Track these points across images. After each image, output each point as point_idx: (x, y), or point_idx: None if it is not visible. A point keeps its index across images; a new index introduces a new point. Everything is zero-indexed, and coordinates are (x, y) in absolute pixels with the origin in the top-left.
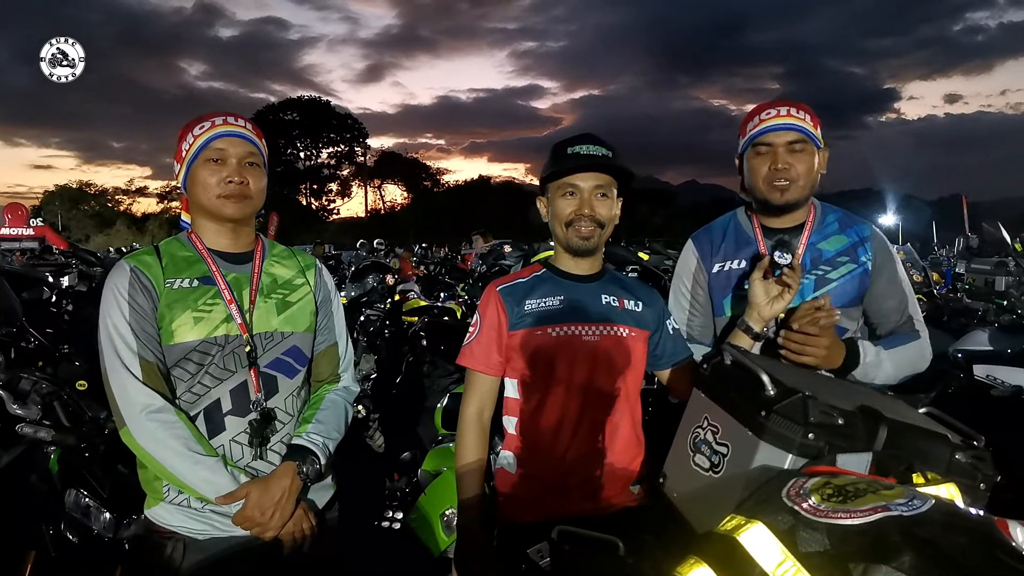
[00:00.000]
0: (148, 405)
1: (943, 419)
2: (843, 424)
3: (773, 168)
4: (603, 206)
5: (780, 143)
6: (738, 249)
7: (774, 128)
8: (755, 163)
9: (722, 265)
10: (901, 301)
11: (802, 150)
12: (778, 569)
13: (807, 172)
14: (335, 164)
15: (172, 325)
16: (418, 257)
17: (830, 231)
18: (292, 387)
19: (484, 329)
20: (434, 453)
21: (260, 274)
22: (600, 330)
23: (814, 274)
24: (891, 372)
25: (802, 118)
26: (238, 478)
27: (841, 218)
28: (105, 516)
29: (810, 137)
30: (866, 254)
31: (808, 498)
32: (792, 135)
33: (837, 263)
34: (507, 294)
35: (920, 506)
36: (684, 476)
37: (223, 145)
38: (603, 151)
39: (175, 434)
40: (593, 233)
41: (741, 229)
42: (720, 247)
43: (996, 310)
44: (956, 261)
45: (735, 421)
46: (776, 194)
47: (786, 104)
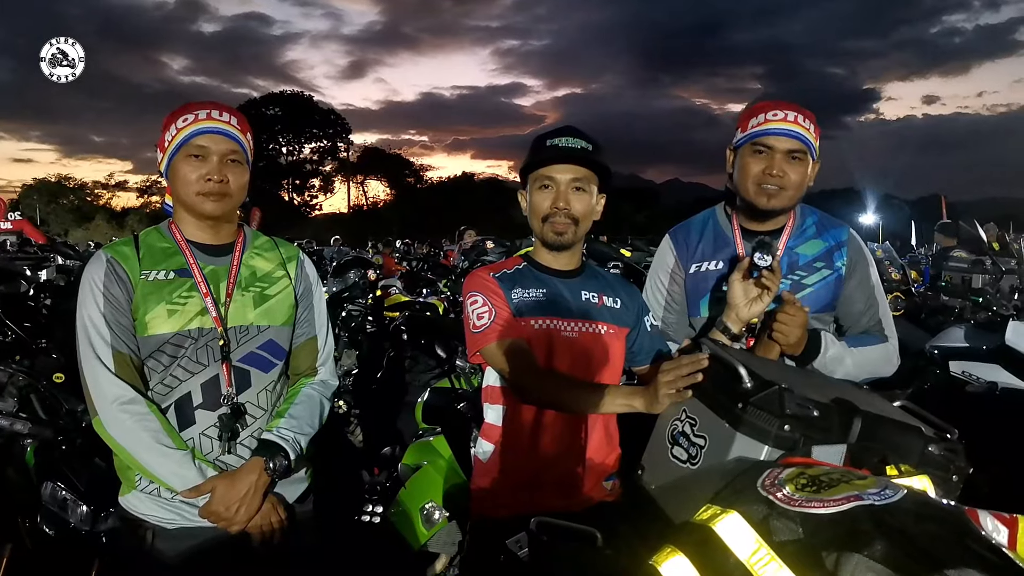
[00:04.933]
0: (119, 396)
1: (917, 412)
2: (818, 416)
3: (767, 172)
4: (579, 200)
5: (780, 148)
6: (716, 250)
7: (777, 132)
8: (750, 162)
9: (699, 265)
10: (871, 306)
11: (799, 160)
12: (752, 558)
13: (799, 183)
14: (318, 160)
15: (146, 317)
16: (400, 253)
17: (808, 235)
18: (267, 381)
19: (496, 309)
20: (414, 447)
21: (239, 267)
22: (579, 326)
23: (790, 279)
24: (851, 370)
25: (807, 128)
26: (206, 472)
27: (819, 221)
28: (82, 509)
29: (810, 148)
30: (841, 259)
31: (783, 488)
32: (793, 143)
33: (813, 268)
34: (500, 280)
35: (892, 496)
36: (662, 468)
37: (205, 142)
38: (582, 144)
39: (145, 426)
40: (567, 229)
41: (720, 230)
42: (698, 247)
43: (972, 308)
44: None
45: (712, 413)
46: (763, 198)
47: (794, 109)
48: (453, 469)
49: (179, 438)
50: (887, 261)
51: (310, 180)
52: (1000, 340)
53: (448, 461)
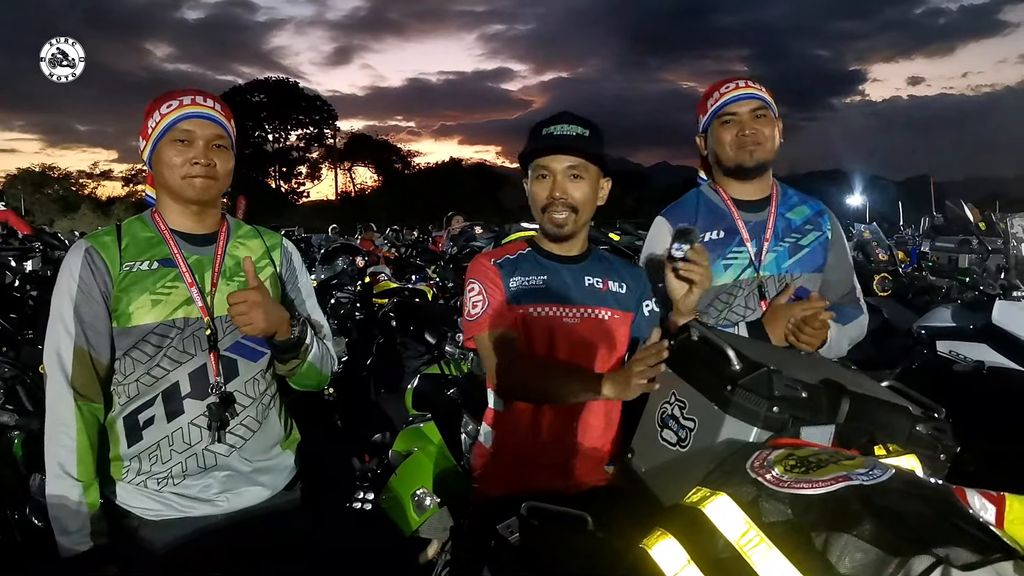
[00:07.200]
0: (57, 406)
1: (905, 392)
2: (807, 397)
3: (740, 134)
4: (577, 188)
5: (744, 111)
6: (714, 221)
7: (736, 99)
8: (721, 132)
9: (701, 236)
10: (849, 273)
11: (765, 117)
12: (742, 539)
13: (771, 136)
14: (304, 146)
15: (129, 307)
16: (389, 239)
17: (793, 202)
18: (255, 370)
19: (491, 299)
20: (404, 434)
21: (223, 256)
22: (581, 312)
23: (787, 242)
24: (842, 345)
25: (759, 88)
26: (81, 509)
27: (798, 193)
28: None
29: (769, 106)
30: (826, 224)
31: (772, 469)
32: (754, 103)
33: (805, 230)
34: (500, 266)
35: (880, 475)
36: (652, 451)
37: (190, 127)
38: (578, 130)
39: (62, 442)
40: (567, 220)
41: (713, 204)
42: (696, 222)
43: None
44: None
45: (701, 396)
46: (746, 155)
47: (742, 78)
48: (444, 455)
49: (90, 464)
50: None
51: (297, 167)
52: (987, 319)
53: (438, 447)
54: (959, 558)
